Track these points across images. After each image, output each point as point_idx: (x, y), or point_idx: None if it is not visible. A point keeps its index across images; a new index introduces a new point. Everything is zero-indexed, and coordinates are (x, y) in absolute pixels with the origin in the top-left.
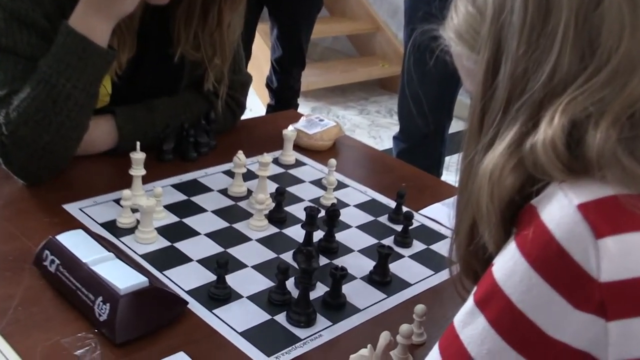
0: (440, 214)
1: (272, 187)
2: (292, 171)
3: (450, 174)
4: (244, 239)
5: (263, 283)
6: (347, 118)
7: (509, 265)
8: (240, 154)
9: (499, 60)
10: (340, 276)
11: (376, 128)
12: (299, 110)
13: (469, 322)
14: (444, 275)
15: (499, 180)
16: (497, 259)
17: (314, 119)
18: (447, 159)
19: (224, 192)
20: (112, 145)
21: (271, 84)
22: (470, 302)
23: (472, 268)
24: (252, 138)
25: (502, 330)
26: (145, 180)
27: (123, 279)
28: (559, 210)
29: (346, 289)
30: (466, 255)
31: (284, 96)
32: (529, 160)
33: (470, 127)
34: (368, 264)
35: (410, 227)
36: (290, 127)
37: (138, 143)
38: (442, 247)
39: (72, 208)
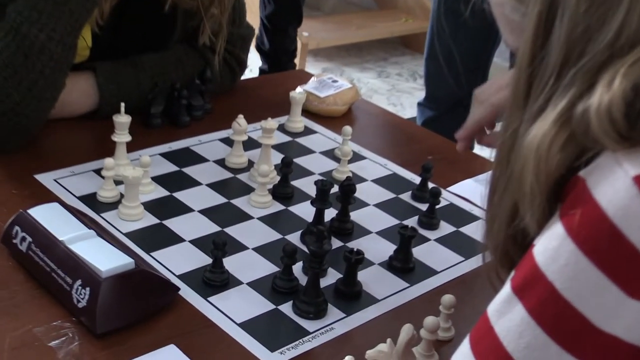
0: (472, 192)
1: (277, 157)
2: (300, 139)
3: (486, 147)
4: (245, 217)
5: (266, 268)
6: (363, 82)
7: (553, 246)
8: (241, 119)
9: (553, 15)
10: (355, 261)
11: (397, 94)
12: (307, 70)
13: (505, 312)
14: (475, 262)
15: (548, 155)
16: (539, 240)
17: (326, 79)
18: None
19: (221, 162)
20: (92, 107)
21: (262, 45)
22: (507, 289)
23: (509, 255)
24: (254, 101)
25: (543, 321)
26: (131, 147)
27: (105, 259)
28: (612, 183)
29: (362, 275)
30: (504, 240)
31: (279, 60)
32: (579, 127)
33: (514, 92)
34: (388, 248)
35: (437, 207)
36: (299, 89)
37: (122, 105)
38: (473, 230)
39: (45, 179)
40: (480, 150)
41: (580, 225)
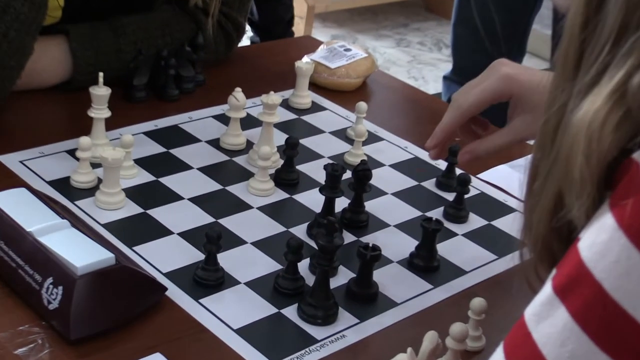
0: (506, 179)
1: (281, 138)
2: (307, 117)
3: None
4: (242, 206)
5: (267, 265)
6: (379, 51)
7: (601, 240)
8: (238, 93)
9: None
10: (370, 258)
11: (418, 65)
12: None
13: (546, 316)
14: (510, 260)
15: (601, 134)
16: (586, 233)
17: (337, 47)
18: None
19: (215, 143)
20: (64, 77)
21: (251, 15)
22: (547, 289)
23: (551, 250)
24: (253, 72)
25: (589, 326)
26: (110, 125)
27: (81, 254)
28: None
29: (378, 275)
30: (546, 235)
31: (272, 31)
32: (636, 102)
33: (563, 62)
34: (408, 244)
35: (466, 196)
36: (306, 59)
37: (101, 75)
38: (508, 224)
39: (10, 160)
40: None
41: (633, 216)
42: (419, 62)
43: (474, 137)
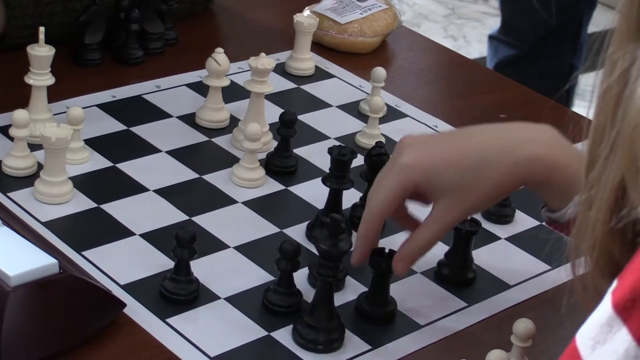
0: None
1: (274, 113)
2: (308, 87)
3: (590, 102)
4: (224, 200)
5: (255, 276)
6: (407, 2)
7: None
8: (219, 55)
9: None
10: (387, 267)
11: (458, 21)
12: None
13: (603, 340)
14: (566, 272)
15: None
16: None
17: None
18: (583, 77)
19: (189, 119)
20: None
21: None
22: (606, 306)
23: (611, 257)
24: (239, 28)
25: None
26: (54, 95)
27: (14, 260)
28: None
29: (396, 289)
30: (604, 238)
31: None
32: None
33: (626, 18)
34: (436, 250)
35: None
36: (307, 11)
37: (42, 30)
38: None
39: None
40: (584, 105)
41: None
42: (459, 16)
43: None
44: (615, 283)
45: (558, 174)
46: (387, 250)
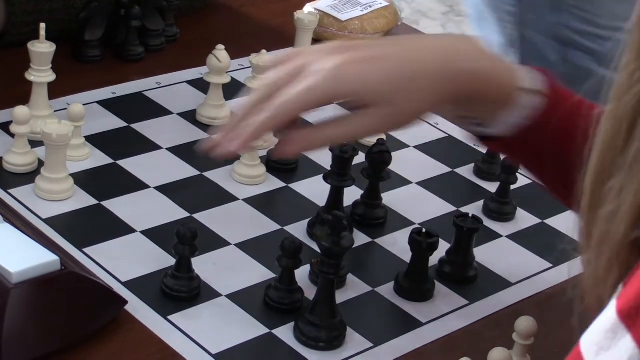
0: None
1: None
2: None
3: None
4: (225, 197)
5: (256, 273)
6: None
7: None
8: (220, 52)
9: None
10: (428, 246)
11: (457, 18)
12: None
13: (607, 346)
14: (567, 269)
15: None
16: None
17: None
18: None
19: (190, 116)
20: None
21: None
22: (610, 312)
23: (619, 261)
24: (240, 24)
25: None
26: (55, 91)
27: (17, 257)
28: None
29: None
30: (623, 248)
31: None
32: None
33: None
34: (437, 247)
35: (513, 187)
36: (308, 7)
37: (42, 26)
38: (565, 223)
39: None
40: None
41: None
42: (458, 13)
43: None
44: (620, 289)
45: (489, 86)
46: (424, 230)
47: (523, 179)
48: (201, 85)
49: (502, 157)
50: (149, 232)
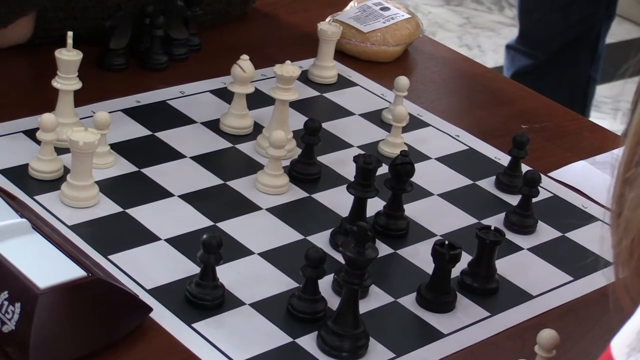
0: (587, 179)
1: (297, 120)
2: (331, 95)
3: (605, 114)
4: (248, 206)
5: (279, 282)
6: (422, 10)
7: None
8: (244, 62)
9: None
10: (450, 258)
11: (474, 30)
12: None
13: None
14: (588, 283)
15: None
16: None
17: (371, 5)
18: (600, 88)
19: (213, 125)
20: (23, 36)
21: None
22: None
23: None
24: (264, 35)
25: None
26: (81, 99)
27: (44, 265)
28: None
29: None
30: None
31: None
32: None
33: None
34: (460, 259)
35: (535, 200)
36: (331, 19)
37: (69, 34)
38: (587, 236)
39: None
40: (598, 117)
41: None
42: (475, 25)
43: None
44: None
45: None
46: (446, 242)
47: (545, 193)
48: (225, 94)
49: (524, 169)
50: (174, 240)
